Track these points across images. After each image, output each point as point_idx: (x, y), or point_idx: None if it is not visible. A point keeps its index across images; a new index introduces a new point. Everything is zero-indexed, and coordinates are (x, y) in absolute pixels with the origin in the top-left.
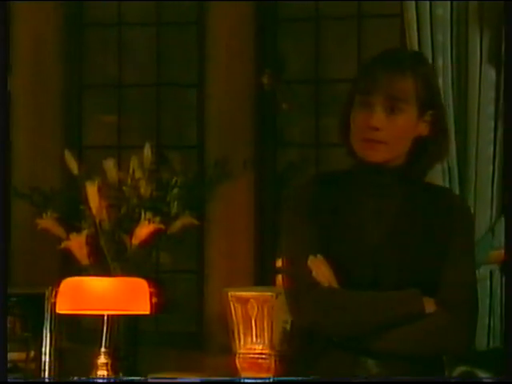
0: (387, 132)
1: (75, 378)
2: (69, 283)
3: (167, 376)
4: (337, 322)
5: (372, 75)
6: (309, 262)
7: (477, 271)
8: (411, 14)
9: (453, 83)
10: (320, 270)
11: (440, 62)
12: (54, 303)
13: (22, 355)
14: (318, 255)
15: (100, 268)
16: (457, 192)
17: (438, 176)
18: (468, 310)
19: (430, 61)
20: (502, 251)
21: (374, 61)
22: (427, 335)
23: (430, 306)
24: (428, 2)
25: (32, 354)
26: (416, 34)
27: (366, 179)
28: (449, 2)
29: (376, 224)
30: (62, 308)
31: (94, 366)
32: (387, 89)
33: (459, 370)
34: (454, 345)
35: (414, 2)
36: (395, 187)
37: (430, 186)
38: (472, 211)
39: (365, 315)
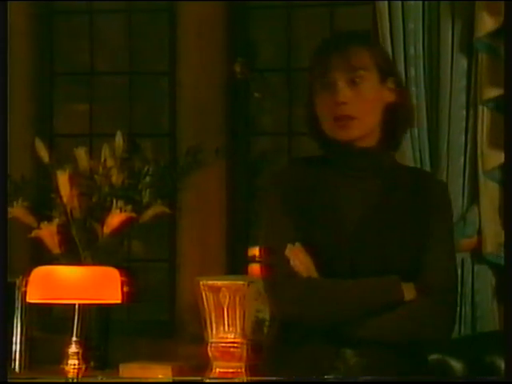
0: (355, 105)
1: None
2: (39, 272)
3: (139, 365)
4: (316, 312)
5: (326, 55)
6: (286, 251)
7: None
8: (383, 2)
9: (424, 72)
10: (298, 258)
11: (412, 51)
12: (25, 292)
13: None
14: (296, 243)
15: (71, 257)
16: None
17: (409, 164)
18: (448, 295)
19: (402, 49)
20: (474, 239)
21: (325, 43)
22: (407, 322)
23: (409, 292)
24: None
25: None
26: (388, 22)
27: (341, 163)
28: None
29: (354, 209)
30: (33, 297)
31: (65, 356)
32: (344, 61)
33: (430, 358)
34: (436, 331)
35: None
36: (372, 170)
37: (407, 168)
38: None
39: (344, 304)
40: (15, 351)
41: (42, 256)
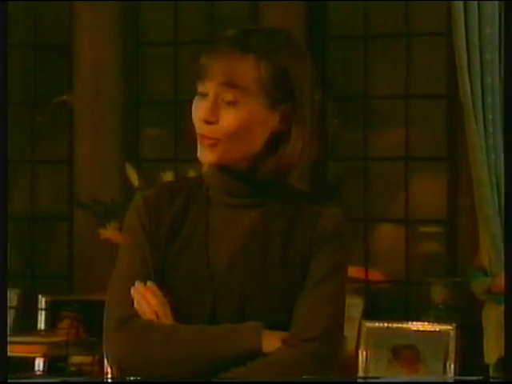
0: (222, 129)
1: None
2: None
3: None
4: (148, 362)
5: (209, 58)
6: (132, 291)
7: None
8: (460, 33)
9: (500, 100)
10: (144, 299)
11: (489, 80)
12: None
13: (87, 359)
14: (149, 282)
15: None
16: (503, 206)
17: (485, 188)
18: (318, 344)
19: (479, 79)
20: None
21: (219, 40)
22: (259, 374)
23: (273, 342)
24: (477, 21)
25: (97, 357)
26: (465, 53)
27: (217, 185)
28: (497, 21)
29: (223, 241)
30: None
31: None
32: (226, 73)
33: None
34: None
35: (463, 21)
36: (251, 197)
37: (299, 196)
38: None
39: (186, 351)
40: (107, 365)
41: None
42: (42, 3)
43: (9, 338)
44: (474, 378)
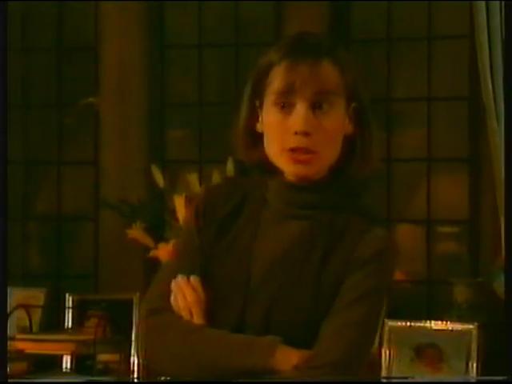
0: (318, 137)
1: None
2: None
3: None
4: (168, 359)
5: (291, 67)
6: (172, 284)
7: None
8: (482, 35)
9: None
10: (181, 293)
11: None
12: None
13: (114, 357)
14: (193, 277)
15: None
16: None
17: None
18: (337, 370)
19: (501, 80)
20: None
21: (291, 47)
22: None
23: (288, 358)
24: (499, 23)
25: (123, 355)
26: (487, 54)
27: (282, 194)
28: None
29: (267, 248)
30: None
31: None
32: (314, 81)
33: None
34: None
35: (485, 23)
36: (309, 207)
37: (352, 209)
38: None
39: (199, 355)
40: (133, 363)
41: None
42: (68, 6)
43: (37, 336)
44: (496, 377)
